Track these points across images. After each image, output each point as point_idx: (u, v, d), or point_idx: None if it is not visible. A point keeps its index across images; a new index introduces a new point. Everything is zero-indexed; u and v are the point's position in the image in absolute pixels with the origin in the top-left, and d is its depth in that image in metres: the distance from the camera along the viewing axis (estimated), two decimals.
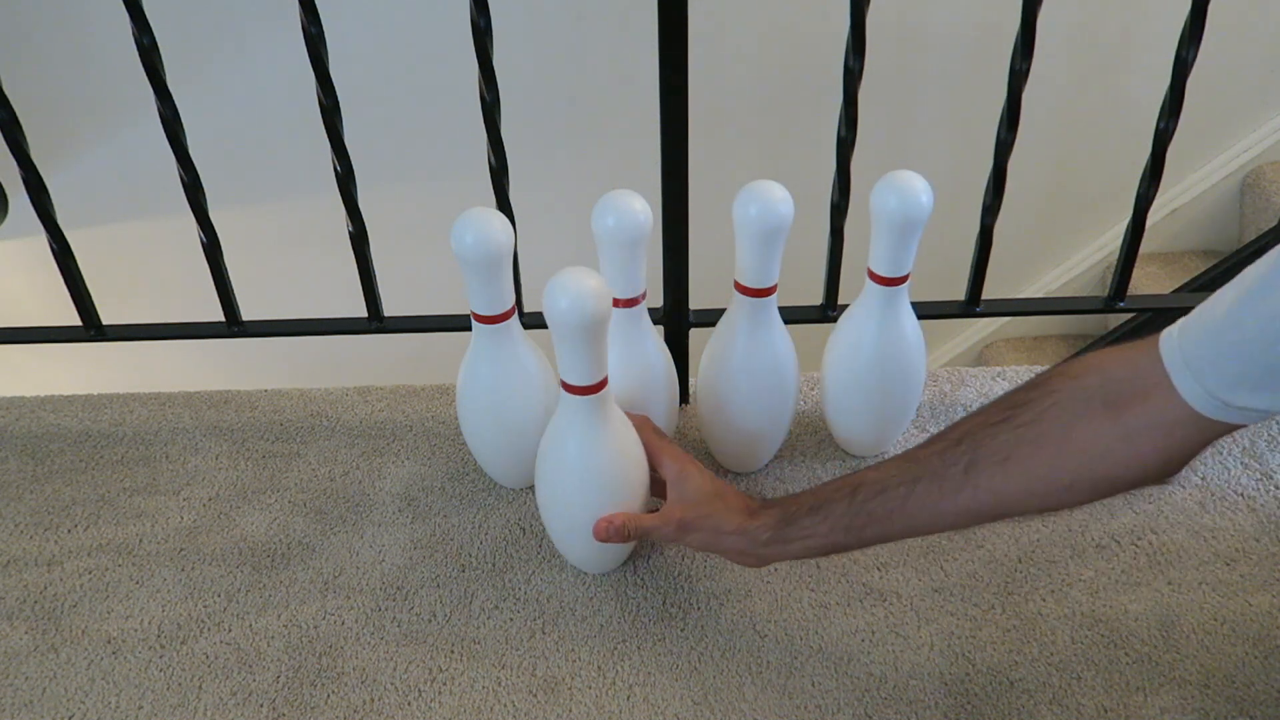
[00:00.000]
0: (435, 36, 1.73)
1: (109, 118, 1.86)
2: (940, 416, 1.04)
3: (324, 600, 0.87)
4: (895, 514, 0.71)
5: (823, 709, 0.78)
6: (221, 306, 1.05)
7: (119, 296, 1.35)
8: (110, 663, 0.83)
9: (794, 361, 0.93)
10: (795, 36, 1.73)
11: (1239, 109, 1.82)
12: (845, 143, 0.94)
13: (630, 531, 0.81)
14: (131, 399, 1.10)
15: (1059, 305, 1.19)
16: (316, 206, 1.42)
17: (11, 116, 0.93)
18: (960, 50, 1.73)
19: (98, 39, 1.74)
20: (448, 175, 1.86)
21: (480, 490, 0.98)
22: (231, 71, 1.79)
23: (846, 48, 0.89)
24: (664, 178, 0.92)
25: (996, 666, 0.80)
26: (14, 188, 1.89)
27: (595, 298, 0.71)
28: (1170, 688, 0.78)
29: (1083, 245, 2.01)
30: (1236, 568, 0.87)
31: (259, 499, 0.98)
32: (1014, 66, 0.91)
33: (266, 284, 1.59)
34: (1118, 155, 1.75)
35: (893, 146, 1.82)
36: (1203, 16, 0.89)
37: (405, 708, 0.78)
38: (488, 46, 0.89)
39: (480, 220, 0.80)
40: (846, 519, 0.72)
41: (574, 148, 1.88)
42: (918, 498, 0.69)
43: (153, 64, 0.89)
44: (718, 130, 1.76)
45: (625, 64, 1.74)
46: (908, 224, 0.83)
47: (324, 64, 0.90)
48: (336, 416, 1.07)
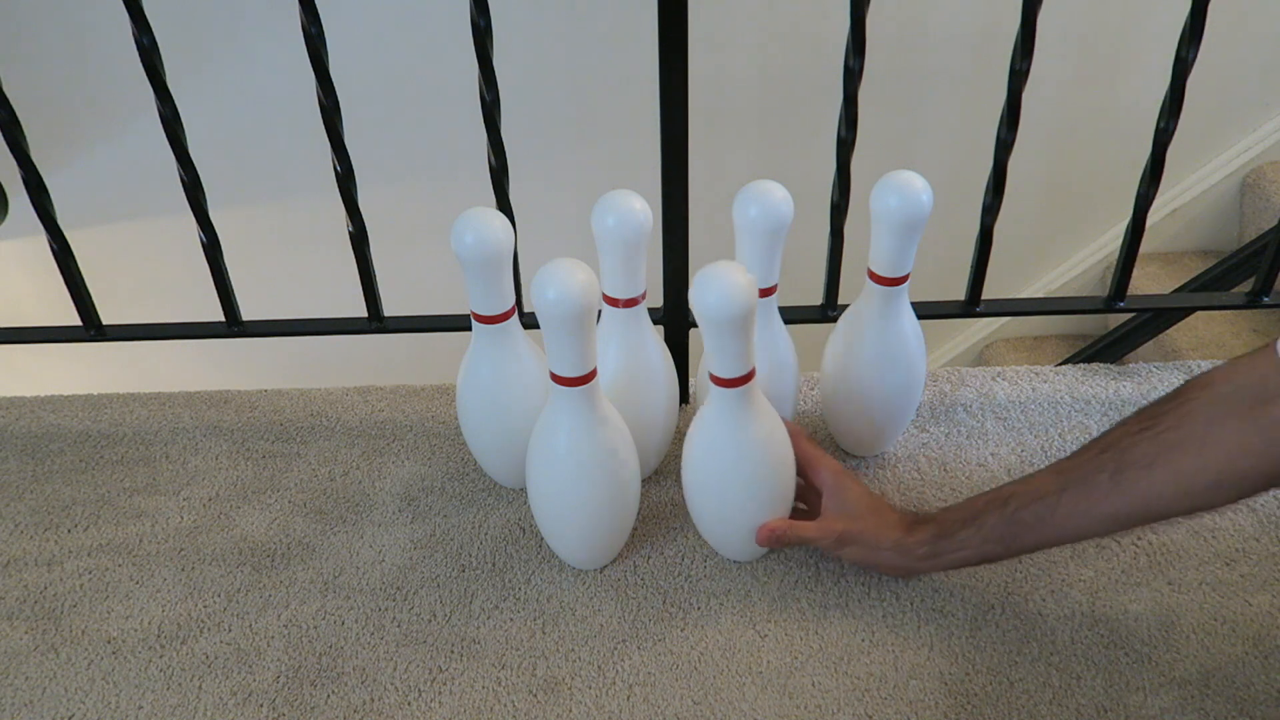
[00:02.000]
0: (435, 36, 1.73)
1: (109, 118, 1.86)
2: (940, 416, 1.04)
3: (324, 600, 0.87)
4: (1046, 522, 0.74)
5: (823, 709, 0.78)
6: (221, 306, 1.05)
7: (119, 296, 1.35)
8: (110, 663, 0.83)
9: (794, 361, 0.93)
10: (795, 36, 1.73)
11: (1239, 109, 1.82)
12: (845, 143, 0.94)
13: (790, 539, 0.83)
14: (131, 399, 1.11)
15: (1059, 305, 1.19)
16: (316, 206, 1.42)
17: (11, 116, 0.93)
18: (960, 50, 1.73)
19: (98, 39, 1.74)
20: (448, 175, 1.86)
21: (480, 490, 0.98)
22: (231, 71, 1.79)
23: (846, 48, 0.89)
24: (664, 178, 0.92)
25: (996, 666, 0.80)
26: (14, 188, 1.89)
27: (582, 288, 0.71)
28: (1170, 688, 0.78)
29: (1083, 245, 2.01)
30: (1236, 568, 0.87)
31: (259, 499, 0.98)
32: (1014, 66, 0.91)
33: (266, 284, 1.59)
34: (1118, 155, 1.75)
35: (893, 146, 1.82)
36: (1203, 16, 0.89)
37: (405, 708, 0.78)
38: (488, 46, 0.89)
39: (480, 220, 0.80)
40: (1000, 530, 0.76)
41: (574, 148, 1.88)
42: (1067, 506, 0.73)
43: (153, 64, 0.89)
44: (718, 130, 1.76)
45: (625, 64, 1.74)
46: (908, 224, 0.83)
47: (324, 64, 0.90)
48: (336, 416, 1.07)
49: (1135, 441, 0.70)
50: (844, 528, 0.82)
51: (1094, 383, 1.09)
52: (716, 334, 0.73)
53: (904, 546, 0.80)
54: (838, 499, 0.83)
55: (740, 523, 0.84)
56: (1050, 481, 0.74)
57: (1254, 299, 1.07)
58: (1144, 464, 0.70)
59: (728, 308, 0.71)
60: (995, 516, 0.76)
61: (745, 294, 0.71)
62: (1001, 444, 1.01)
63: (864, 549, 0.82)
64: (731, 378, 0.75)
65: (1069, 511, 0.73)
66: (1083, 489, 0.72)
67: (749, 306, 0.71)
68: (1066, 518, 0.73)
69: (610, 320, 0.87)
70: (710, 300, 0.71)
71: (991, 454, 1.00)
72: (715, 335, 0.73)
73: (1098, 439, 0.74)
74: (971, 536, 0.77)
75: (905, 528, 0.81)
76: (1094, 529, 0.74)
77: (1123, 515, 0.71)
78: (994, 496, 0.77)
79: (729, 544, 0.88)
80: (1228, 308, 1.18)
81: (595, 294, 0.73)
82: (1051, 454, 1.00)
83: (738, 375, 0.75)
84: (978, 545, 0.77)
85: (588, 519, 0.83)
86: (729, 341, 0.73)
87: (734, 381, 0.75)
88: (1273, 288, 1.07)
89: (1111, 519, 0.72)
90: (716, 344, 0.74)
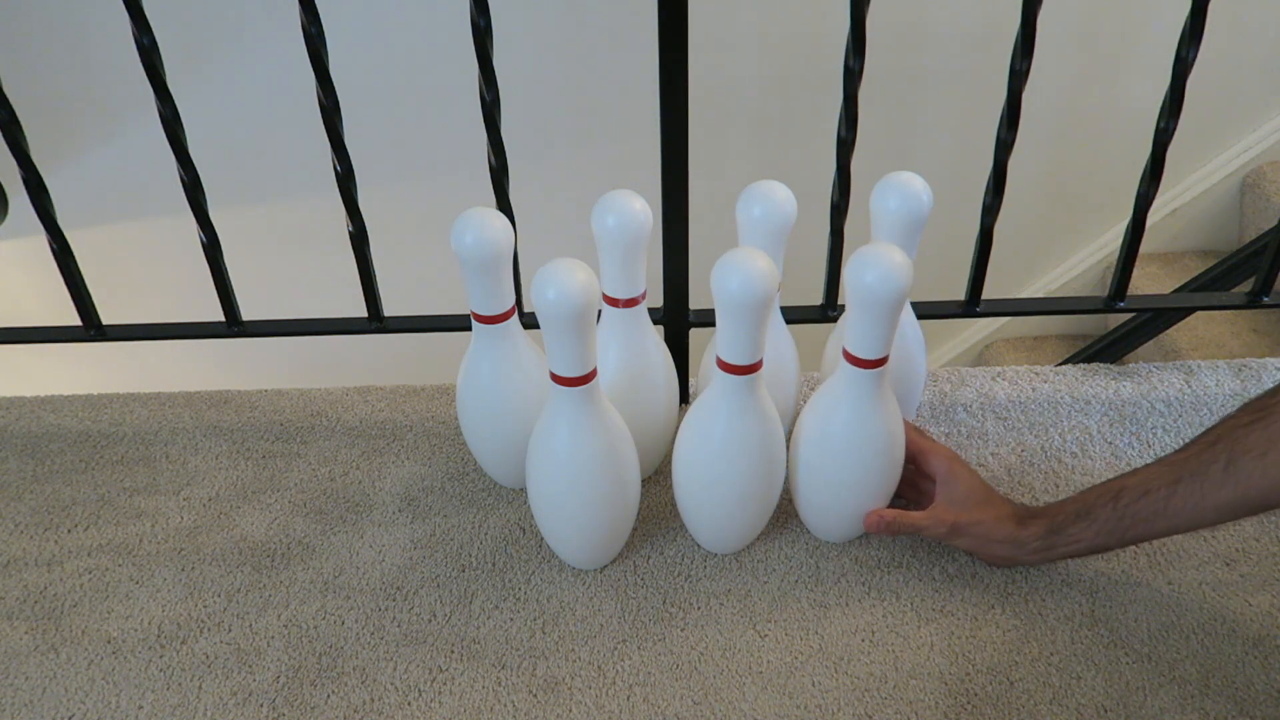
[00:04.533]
0: (435, 36, 1.73)
1: (109, 118, 1.86)
2: (940, 416, 1.04)
3: (324, 600, 0.87)
4: (1159, 515, 0.75)
5: (823, 709, 0.78)
6: (221, 306, 1.05)
7: (119, 296, 1.35)
8: (110, 663, 0.83)
9: (795, 361, 0.93)
10: (795, 36, 1.73)
11: (1239, 109, 1.82)
12: (845, 143, 0.94)
13: (900, 527, 0.85)
14: (131, 399, 1.11)
15: (1059, 305, 1.19)
16: (316, 206, 1.42)
17: (11, 116, 0.93)
18: (960, 50, 1.73)
19: (98, 39, 1.74)
20: (448, 175, 1.86)
21: (480, 490, 0.98)
22: (231, 71, 1.80)
23: (846, 48, 0.89)
24: (664, 178, 0.92)
25: (996, 666, 0.80)
26: (14, 188, 1.89)
27: (582, 288, 0.71)
28: (1170, 688, 0.78)
29: (1083, 245, 2.01)
30: (1236, 568, 0.87)
31: (259, 499, 0.98)
32: (1014, 66, 0.91)
33: (266, 284, 1.59)
34: (1118, 155, 1.75)
35: (893, 146, 1.82)
36: (1203, 16, 0.89)
37: (405, 708, 0.78)
38: (488, 46, 0.89)
39: (480, 220, 0.80)
40: (1111, 523, 0.77)
41: (574, 148, 1.88)
42: (1180, 497, 0.74)
43: (153, 64, 0.89)
44: (718, 130, 1.76)
45: (625, 64, 1.74)
46: (908, 224, 0.83)
47: (324, 64, 0.90)
48: (336, 416, 1.07)
49: (1247, 432, 0.72)
50: (956, 518, 0.83)
51: (1094, 383, 1.09)
52: (734, 320, 0.73)
53: (1018, 540, 0.81)
54: (949, 488, 0.84)
55: (732, 514, 0.84)
56: (1163, 474, 0.76)
57: (1254, 299, 1.07)
58: (1257, 454, 0.71)
59: (750, 294, 0.71)
60: (1108, 510, 0.77)
61: (767, 280, 0.71)
62: (1001, 444, 1.01)
63: (977, 540, 0.83)
64: (742, 364, 0.75)
65: (1183, 503, 0.74)
66: (1197, 481, 0.73)
67: (769, 293, 0.72)
68: (1181, 509, 0.74)
69: (610, 320, 0.87)
70: (733, 286, 0.71)
71: (992, 454, 1.00)
72: (732, 322, 0.74)
73: (1205, 433, 0.75)
74: (1084, 530, 0.79)
75: (1018, 521, 0.82)
76: (1207, 519, 0.75)
77: (1237, 503, 0.73)
78: (1104, 490, 0.78)
79: (719, 536, 0.88)
80: (1228, 308, 1.18)
81: (595, 294, 0.73)
82: (1052, 454, 1.00)
83: (748, 363, 0.75)
84: (1090, 539, 0.79)
85: (588, 519, 0.83)
86: (744, 329, 0.74)
87: (744, 369, 0.76)
88: (1273, 288, 1.07)
89: (1226, 508, 0.73)
90: (732, 331, 0.74)
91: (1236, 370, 1.10)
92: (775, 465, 0.82)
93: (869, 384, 0.78)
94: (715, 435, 0.79)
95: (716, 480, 0.82)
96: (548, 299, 0.71)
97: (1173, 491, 0.75)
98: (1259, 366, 1.10)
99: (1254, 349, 1.72)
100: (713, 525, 0.87)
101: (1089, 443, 1.01)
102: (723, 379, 0.77)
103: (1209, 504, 0.73)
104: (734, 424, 0.79)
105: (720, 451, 0.80)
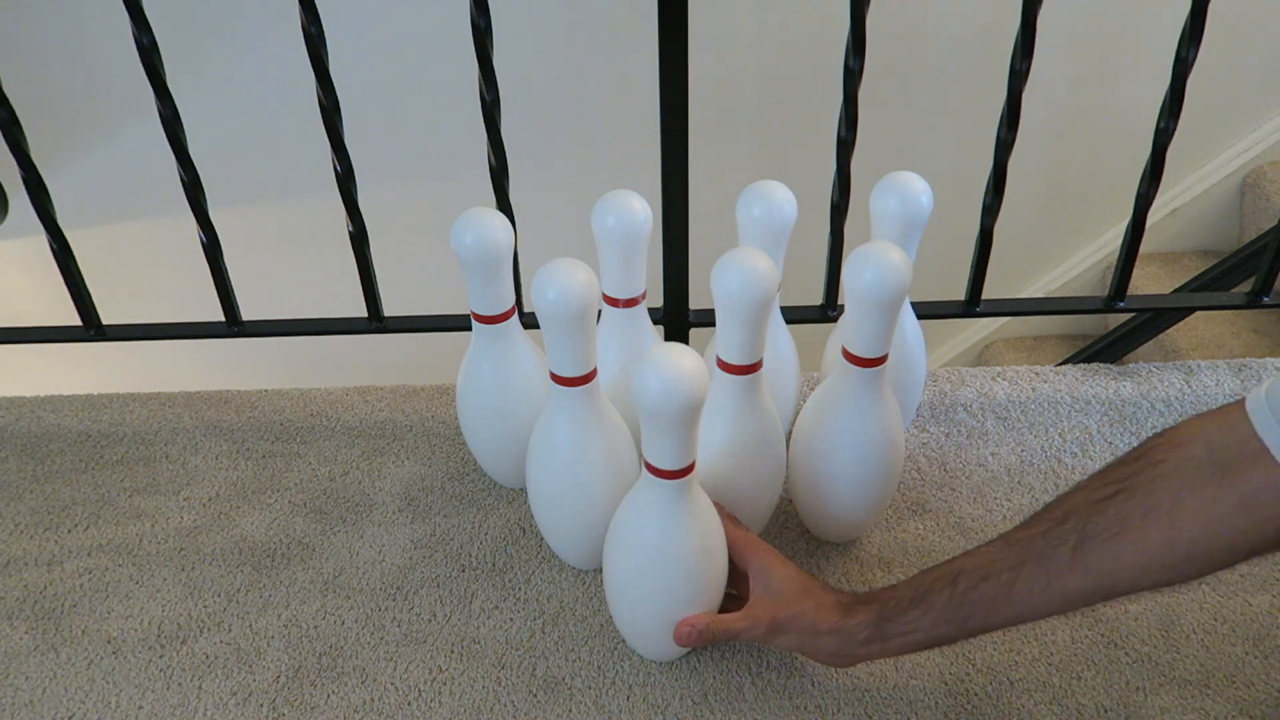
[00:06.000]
0: (435, 36, 1.73)
1: (109, 118, 1.86)
2: (940, 416, 1.04)
3: (324, 600, 0.87)
4: (1001, 601, 0.66)
5: (823, 709, 0.78)
6: (221, 306, 1.05)
7: (119, 296, 1.35)
8: (110, 663, 0.83)
9: (795, 361, 0.93)
10: (795, 36, 1.73)
11: (1239, 109, 1.82)
12: (845, 143, 0.94)
13: (715, 634, 0.75)
14: (131, 399, 1.10)
15: (1059, 305, 1.19)
16: (316, 206, 1.42)
17: (11, 116, 0.93)
18: (960, 50, 1.73)
19: (98, 39, 1.74)
20: (448, 175, 1.86)
21: (480, 490, 0.98)
22: (231, 71, 1.80)
23: (846, 48, 0.89)
24: (664, 178, 0.92)
25: (996, 666, 0.80)
26: (14, 188, 1.89)
27: (582, 288, 0.71)
28: (1170, 688, 0.78)
29: (1083, 245, 2.01)
30: (1236, 568, 0.87)
31: (259, 499, 0.98)
32: (1014, 66, 0.91)
33: (266, 284, 1.59)
34: (1118, 155, 1.75)
35: (893, 147, 1.82)
36: (1203, 16, 0.89)
37: (405, 708, 0.78)
38: (488, 46, 0.89)
39: (480, 220, 0.80)
40: (949, 610, 0.68)
41: (574, 148, 1.88)
42: (1024, 583, 0.66)
43: (153, 64, 0.89)
44: (718, 130, 1.76)
45: (625, 64, 1.74)
46: (908, 225, 0.83)
47: (324, 64, 0.90)
48: (336, 416, 1.07)
49: (1100, 509, 0.64)
50: (774, 615, 0.73)
51: (1094, 383, 1.09)
52: (734, 320, 0.73)
53: (844, 630, 0.71)
54: (763, 581, 0.75)
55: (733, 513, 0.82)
56: (1006, 555, 0.67)
57: (1254, 299, 1.07)
58: (1109, 535, 0.63)
59: (750, 294, 0.71)
60: (944, 595, 0.68)
61: (767, 280, 0.71)
62: (1001, 444, 1.01)
63: (799, 636, 0.73)
64: (742, 364, 0.75)
65: (1027, 590, 0.65)
66: (1042, 565, 0.65)
67: (769, 293, 0.72)
68: (1025, 596, 0.66)
69: (610, 320, 0.87)
70: (733, 286, 0.71)
71: (991, 454, 1.00)
72: (732, 322, 0.74)
73: (1054, 504, 0.67)
74: (919, 618, 0.69)
75: (844, 610, 0.72)
76: (1054, 607, 0.67)
77: (1085, 593, 0.65)
78: (941, 573, 0.69)
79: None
80: (1228, 308, 1.18)
81: (595, 294, 0.73)
82: (1052, 454, 1.00)
83: (748, 363, 0.75)
84: (926, 628, 0.69)
85: (588, 519, 0.83)
86: (744, 329, 0.73)
87: (744, 369, 0.76)
88: (1273, 288, 1.07)
89: (1074, 596, 0.65)
90: (732, 331, 0.74)
91: (1236, 370, 1.10)
92: (775, 465, 0.82)
93: (869, 383, 0.78)
94: (715, 435, 0.79)
95: (717, 480, 0.82)
96: (548, 299, 0.71)
97: (1016, 576, 0.65)
98: (1259, 366, 1.10)
99: (1254, 349, 1.72)
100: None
101: (1089, 443, 1.01)
102: (723, 379, 0.77)
103: (1055, 591, 0.65)
104: (734, 424, 0.78)
105: (721, 451, 0.80)
